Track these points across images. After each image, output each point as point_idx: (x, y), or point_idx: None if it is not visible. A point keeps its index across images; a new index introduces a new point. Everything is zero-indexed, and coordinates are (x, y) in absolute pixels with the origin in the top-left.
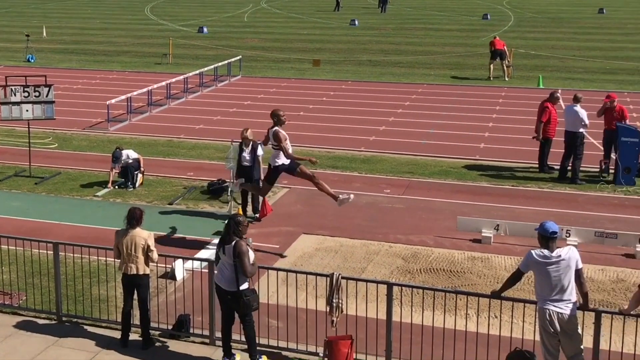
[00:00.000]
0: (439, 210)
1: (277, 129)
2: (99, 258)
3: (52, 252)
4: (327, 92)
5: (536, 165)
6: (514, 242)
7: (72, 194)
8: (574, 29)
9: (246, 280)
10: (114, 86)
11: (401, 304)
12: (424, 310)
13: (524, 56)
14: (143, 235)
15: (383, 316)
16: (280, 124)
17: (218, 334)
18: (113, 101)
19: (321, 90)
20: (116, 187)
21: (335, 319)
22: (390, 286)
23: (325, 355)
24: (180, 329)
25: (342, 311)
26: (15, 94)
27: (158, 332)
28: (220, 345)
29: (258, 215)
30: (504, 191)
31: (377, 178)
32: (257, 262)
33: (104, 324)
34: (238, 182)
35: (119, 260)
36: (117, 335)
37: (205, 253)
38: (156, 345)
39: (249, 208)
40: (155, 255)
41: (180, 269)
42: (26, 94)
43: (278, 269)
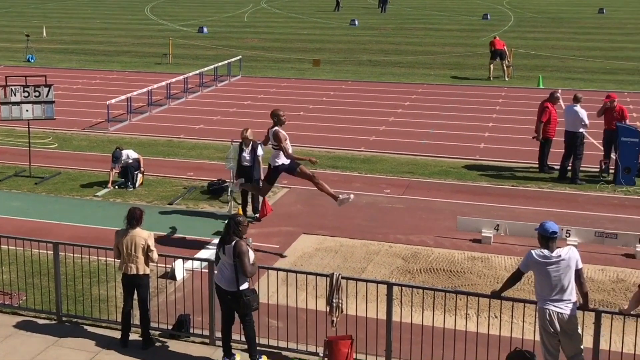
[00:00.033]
0: (439, 210)
1: (277, 129)
2: (99, 258)
3: (52, 252)
4: (327, 92)
5: (536, 165)
6: (514, 242)
7: (72, 194)
8: (574, 29)
9: (246, 280)
10: (114, 86)
11: (401, 304)
12: (424, 310)
13: (524, 56)
14: (143, 235)
15: (383, 316)
16: (280, 124)
17: (218, 334)
18: (113, 101)
19: (321, 90)
20: (116, 187)
21: (335, 319)
22: (390, 286)
23: (325, 355)
24: (180, 329)
25: (342, 311)
26: (15, 94)
27: (158, 332)
28: (220, 345)
29: (258, 215)
30: (504, 191)
31: (377, 178)
32: (257, 262)
33: (104, 324)
34: (238, 182)
35: (119, 260)
36: (117, 335)
37: (205, 253)
38: (156, 345)
39: (249, 208)
40: (155, 255)
41: (180, 269)
42: (26, 94)
43: (278, 269)
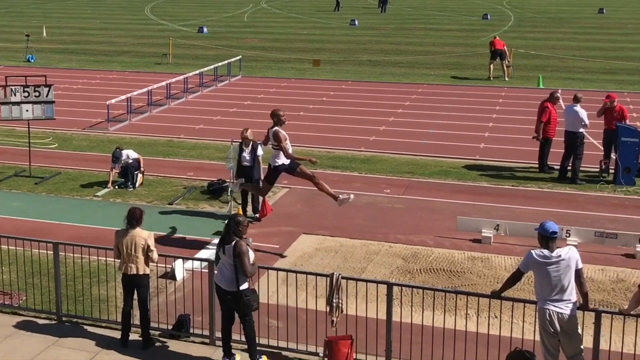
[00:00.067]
0: (439, 210)
1: (277, 129)
2: (99, 258)
3: (52, 252)
4: (327, 92)
5: (536, 165)
6: (514, 242)
7: (72, 194)
8: (574, 29)
9: (246, 280)
10: (114, 86)
11: (401, 304)
12: (424, 310)
13: (524, 56)
14: (143, 235)
15: (383, 316)
16: (280, 124)
17: (218, 334)
18: (113, 101)
19: (321, 90)
20: (116, 187)
21: (335, 319)
22: (390, 286)
23: (325, 355)
24: (180, 329)
25: (342, 311)
26: (15, 94)
27: (158, 332)
28: (220, 345)
29: (258, 215)
30: (504, 191)
31: (377, 178)
32: (257, 262)
33: (104, 324)
34: (238, 182)
35: (119, 260)
36: (117, 335)
37: (205, 253)
38: (156, 345)
39: (249, 208)
40: (155, 255)
41: (180, 269)
42: (26, 94)
43: (278, 269)
